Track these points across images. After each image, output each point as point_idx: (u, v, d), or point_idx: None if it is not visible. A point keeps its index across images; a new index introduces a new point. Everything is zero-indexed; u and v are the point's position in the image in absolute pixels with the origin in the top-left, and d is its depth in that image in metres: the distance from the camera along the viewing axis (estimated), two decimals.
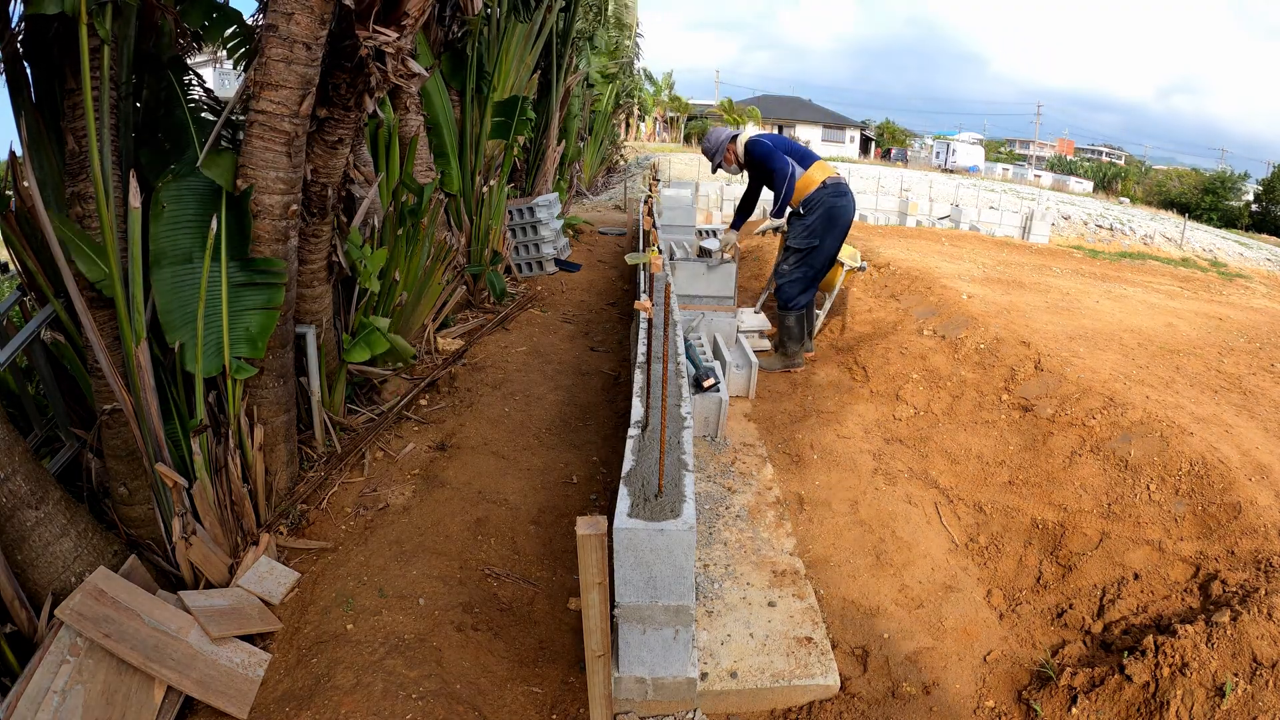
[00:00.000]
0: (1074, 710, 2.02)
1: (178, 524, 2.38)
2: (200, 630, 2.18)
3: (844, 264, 5.02)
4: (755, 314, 5.52)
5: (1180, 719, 1.87)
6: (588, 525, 1.73)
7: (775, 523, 2.97)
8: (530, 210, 7.01)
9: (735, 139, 4.74)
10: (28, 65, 2.44)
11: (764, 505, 3.10)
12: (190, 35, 2.98)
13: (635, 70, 18.96)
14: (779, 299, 4.75)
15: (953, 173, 31.51)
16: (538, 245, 7.14)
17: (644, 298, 3.20)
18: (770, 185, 4.67)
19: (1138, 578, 2.47)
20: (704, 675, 2.13)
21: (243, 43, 3.10)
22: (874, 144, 49.51)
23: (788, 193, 4.53)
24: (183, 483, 2.41)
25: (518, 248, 7.13)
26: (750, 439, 3.75)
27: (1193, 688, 1.91)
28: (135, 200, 2.27)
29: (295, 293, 2.99)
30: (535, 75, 7.09)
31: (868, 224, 12.45)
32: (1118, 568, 2.56)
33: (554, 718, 2.15)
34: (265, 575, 2.52)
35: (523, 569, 2.79)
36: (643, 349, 2.87)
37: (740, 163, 4.78)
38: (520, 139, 6.86)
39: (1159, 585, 2.42)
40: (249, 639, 2.29)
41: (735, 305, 4.96)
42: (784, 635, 2.31)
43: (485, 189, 5.75)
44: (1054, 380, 3.74)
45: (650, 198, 7.56)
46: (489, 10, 5.68)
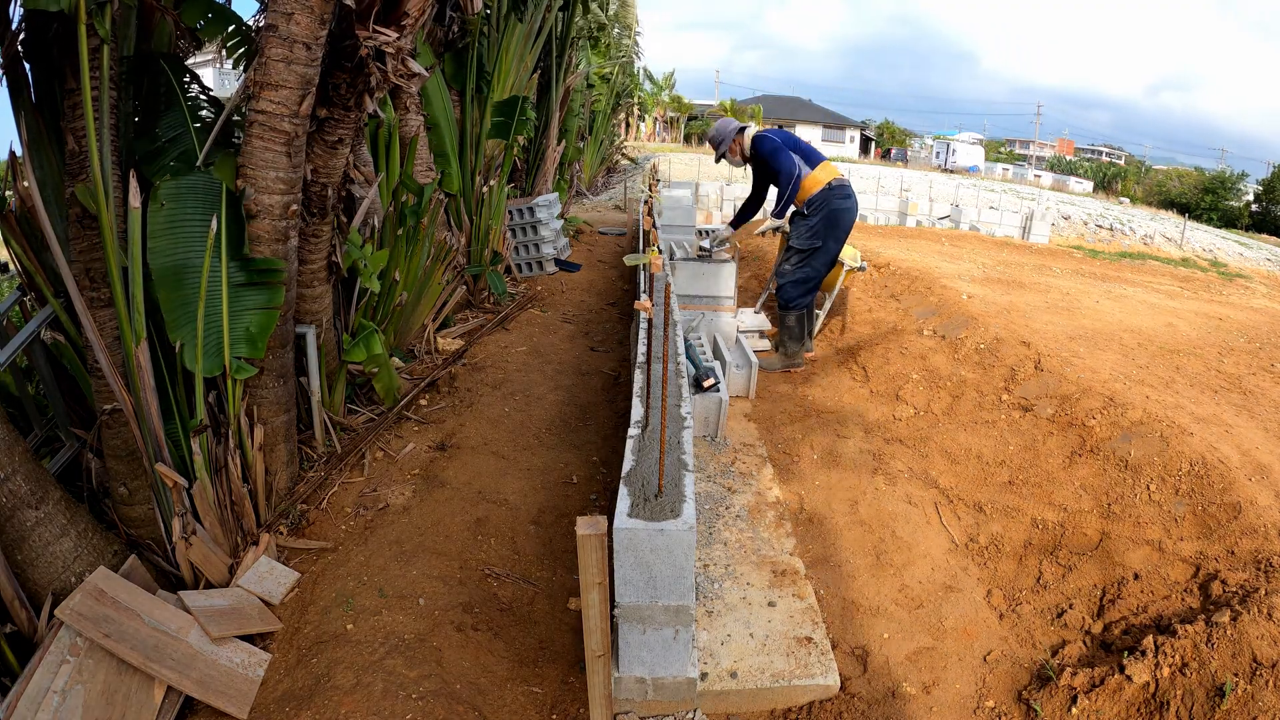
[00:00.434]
0: (1074, 710, 2.02)
1: (178, 524, 2.38)
2: (200, 630, 2.18)
3: (844, 264, 5.01)
4: (755, 314, 5.52)
5: (1180, 719, 1.87)
6: (588, 525, 1.73)
7: (775, 523, 2.97)
8: (530, 210, 7.01)
9: (743, 131, 4.69)
10: (28, 65, 2.44)
11: (764, 505, 3.10)
12: (189, 34, 2.97)
13: (635, 70, 18.95)
14: (780, 299, 4.73)
15: (953, 173, 31.52)
16: (538, 245, 7.14)
17: (644, 298, 3.20)
18: (775, 183, 4.63)
19: (1138, 578, 2.47)
20: (704, 675, 2.13)
21: (242, 42, 3.10)
22: (874, 144, 49.52)
23: (792, 193, 4.47)
24: (183, 483, 2.41)
25: (518, 248, 7.13)
26: (750, 439, 3.75)
27: (1193, 688, 1.91)
28: (135, 200, 2.27)
29: (295, 293, 2.99)
30: (535, 75, 7.08)
31: (868, 224, 12.46)
32: (1118, 568, 2.56)
33: (554, 718, 2.15)
34: (265, 575, 2.52)
35: (523, 569, 2.79)
36: (643, 349, 2.87)
37: (745, 156, 4.73)
38: (520, 139, 6.86)
39: (1159, 585, 2.42)
40: (249, 639, 2.29)
41: (735, 305, 4.96)
42: (784, 635, 2.31)
43: (485, 189, 5.75)
44: (1054, 380, 3.74)
45: (650, 198, 7.56)
46: (489, 10, 5.68)
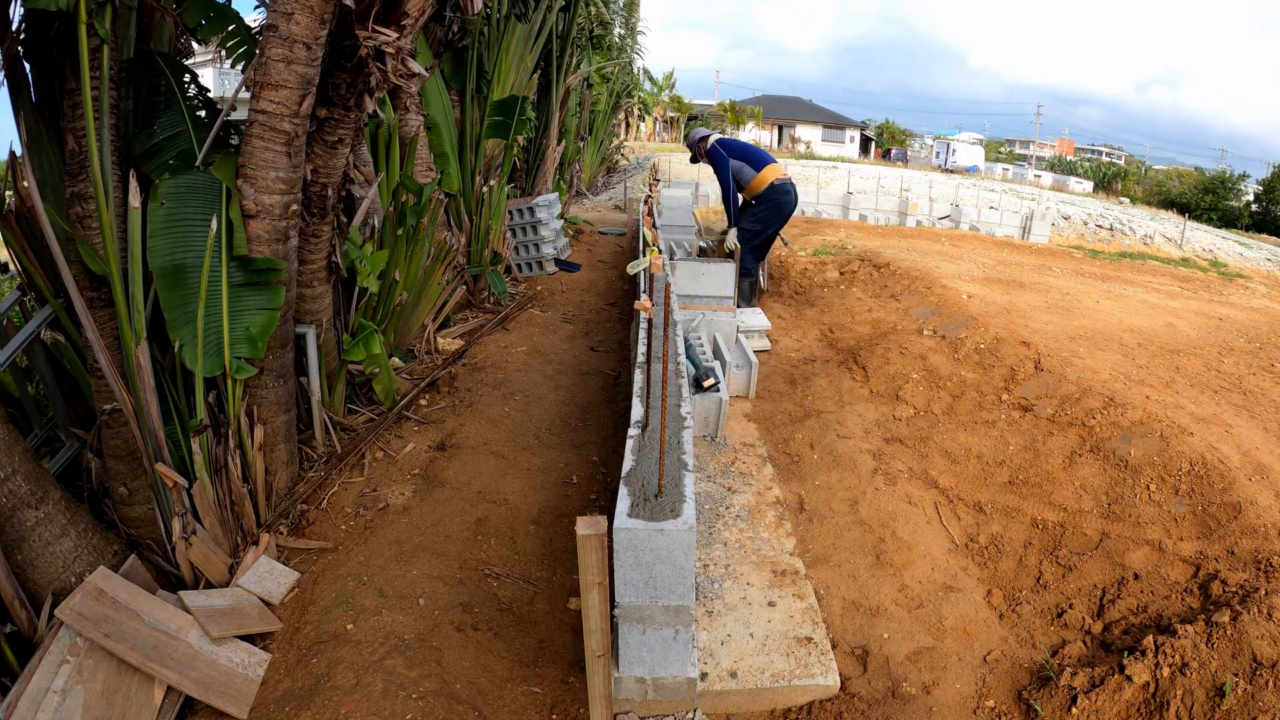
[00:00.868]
0: (1074, 710, 2.02)
1: (178, 524, 2.37)
2: (200, 630, 2.18)
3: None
4: (756, 313, 5.52)
5: (1180, 719, 1.87)
6: (588, 525, 1.73)
7: (775, 523, 2.97)
8: (530, 210, 7.01)
9: (705, 139, 6.03)
10: (28, 65, 2.44)
11: (764, 505, 3.10)
12: (189, 34, 2.97)
13: (635, 70, 18.95)
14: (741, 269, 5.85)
15: (953, 173, 31.50)
16: (538, 245, 7.13)
17: (644, 298, 3.20)
18: (721, 184, 5.84)
19: (1138, 578, 2.47)
20: (704, 675, 2.13)
21: (241, 42, 3.10)
22: (874, 144, 49.48)
23: (734, 208, 5.82)
24: (183, 483, 2.41)
25: (518, 248, 7.13)
26: (750, 439, 3.75)
27: (1193, 688, 1.91)
28: (135, 200, 2.27)
29: (295, 293, 2.99)
30: (535, 75, 7.08)
31: (868, 224, 12.45)
32: (1118, 568, 2.56)
33: (554, 718, 2.15)
34: (265, 575, 2.52)
35: (523, 569, 2.79)
36: (643, 349, 2.87)
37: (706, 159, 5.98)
38: (520, 139, 6.86)
39: (1159, 585, 2.42)
40: (249, 639, 2.29)
41: (735, 305, 4.97)
42: (784, 635, 2.31)
43: (485, 189, 5.75)
44: (1054, 380, 3.74)
45: (650, 197, 7.55)
46: (489, 10, 5.68)
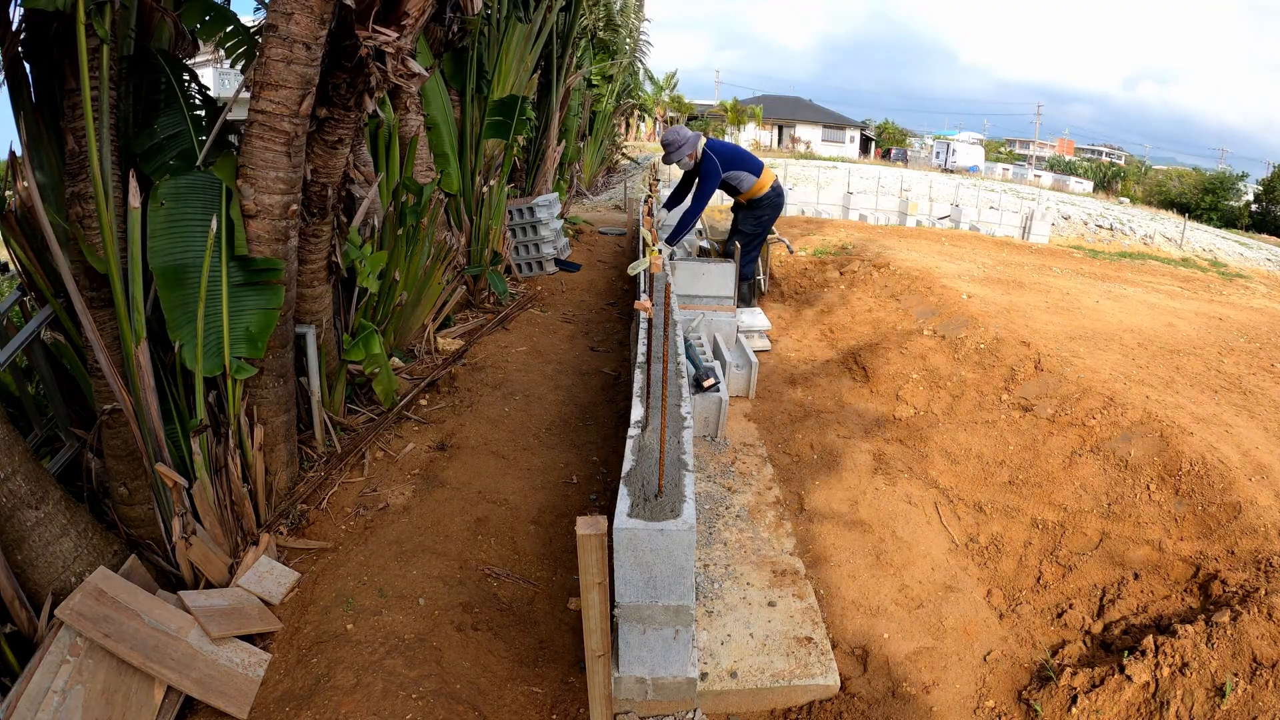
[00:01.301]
0: (1074, 710, 2.02)
1: (178, 524, 2.37)
2: (200, 630, 2.18)
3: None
4: (755, 313, 5.52)
5: (1180, 719, 1.87)
6: (588, 525, 1.73)
7: (775, 523, 2.97)
8: (530, 210, 7.01)
9: (695, 142, 5.58)
10: (28, 65, 2.44)
11: (764, 505, 3.10)
12: (189, 34, 2.97)
13: (636, 70, 18.93)
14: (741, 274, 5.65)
15: (953, 173, 31.50)
16: (538, 245, 7.13)
17: (644, 298, 3.20)
18: (695, 192, 5.42)
19: (1138, 578, 2.47)
20: (704, 675, 2.13)
21: (241, 43, 3.10)
22: (874, 144, 49.46)
23: (690, 220, 5.34)
24: (183, 483, 2.41)
25: (518, 248, 7.12)
26: (750, 439, 3.75)
27: (1193, 688, 1.91)
28: (135, 200, 2.27)
29: (295, 292, 2.99)
30: (535, 75, 7.08)
31: (868, 224, 12.44)
32: (1118, 568, 2.56)
33: (554, 718, 2.15)
34: (265, 575, 2.52)
35: (523, 569, 2.79)
36: (643, 349, 2.87)
37: (697, 161, 5.53)
38: (520, 139, 6.85)
39: (1159, 585, 2.42)
40: (249, 639, 2.29)
41: (735, 305, 4.97)
42: (784, 635, 2.31)
43: (485, 189, 5.75)
44: (1054, 380, 3.74)
45: (650, 197, 7.55)
46: (489, 10, 5.68)
